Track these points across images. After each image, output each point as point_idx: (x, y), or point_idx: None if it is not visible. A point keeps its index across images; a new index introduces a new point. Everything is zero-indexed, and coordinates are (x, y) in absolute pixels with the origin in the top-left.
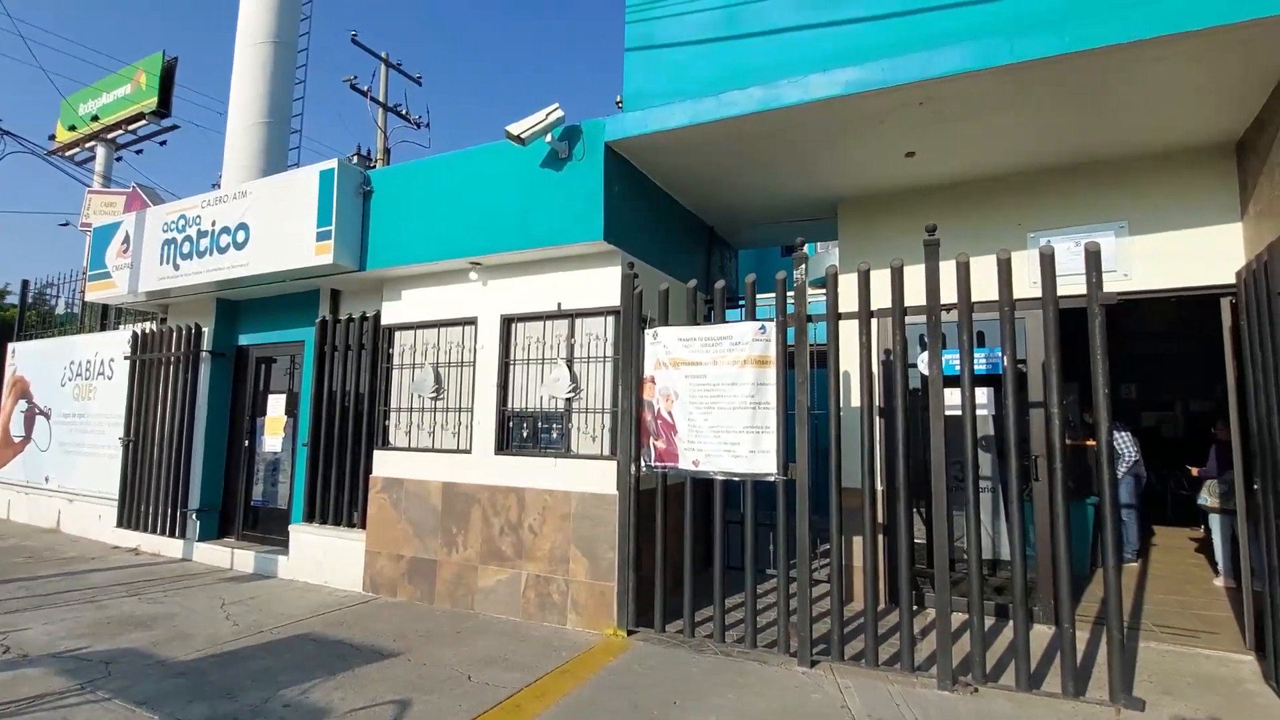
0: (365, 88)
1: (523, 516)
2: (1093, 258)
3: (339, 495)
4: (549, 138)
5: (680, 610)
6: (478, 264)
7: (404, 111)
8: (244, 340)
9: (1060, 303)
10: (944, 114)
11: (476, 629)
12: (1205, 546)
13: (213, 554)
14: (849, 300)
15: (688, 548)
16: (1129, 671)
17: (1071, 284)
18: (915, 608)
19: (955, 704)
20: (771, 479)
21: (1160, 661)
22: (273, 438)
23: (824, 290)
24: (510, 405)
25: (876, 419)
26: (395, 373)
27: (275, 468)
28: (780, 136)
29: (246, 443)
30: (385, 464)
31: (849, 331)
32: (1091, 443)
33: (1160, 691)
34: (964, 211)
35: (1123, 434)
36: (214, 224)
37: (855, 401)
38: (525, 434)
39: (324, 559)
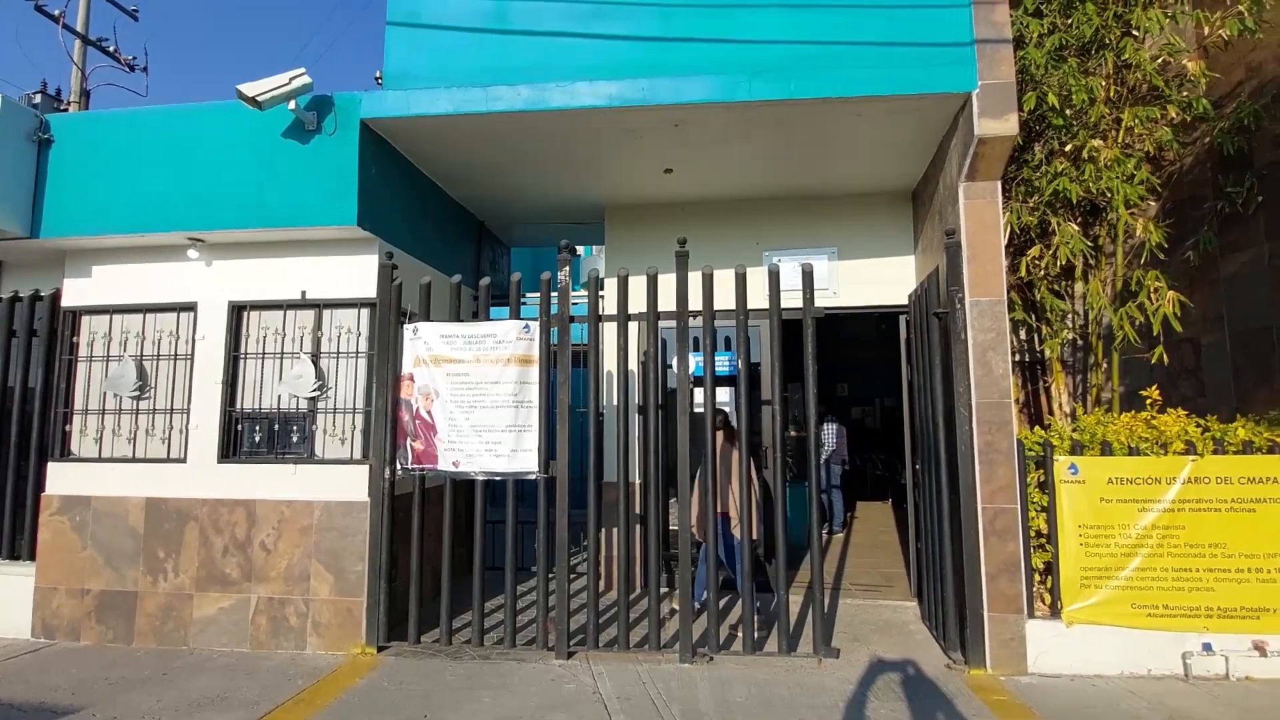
0: (59, 12)
1: (253, 533)
2: (807, 277)
3: None
4: (293, 105)
5: (439, 619)
6: (199, 240)
7: (112, 49)
8: None
9: (784, 314)
10: (695, 138)
11: (191, 667)
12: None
13: None
14: (613, 303)
15: (447, 552)
16: (829, 626)
17: (795, 298)
18: (666, 590)
19: (692, 673)
20: (533, 477)
21: (854, 614)
22: None
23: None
24: (240, 406)
25: (634, 416)
26: (82, 366)
27: None
28: (549, 138)
29: None
30: (65, 479)
31: (611, 333)
32: None
33: (851, 639)
34: (713, 227)
35: (830, 425)
36: None
37: (615, 400)
38: (258, 438)
39: None
